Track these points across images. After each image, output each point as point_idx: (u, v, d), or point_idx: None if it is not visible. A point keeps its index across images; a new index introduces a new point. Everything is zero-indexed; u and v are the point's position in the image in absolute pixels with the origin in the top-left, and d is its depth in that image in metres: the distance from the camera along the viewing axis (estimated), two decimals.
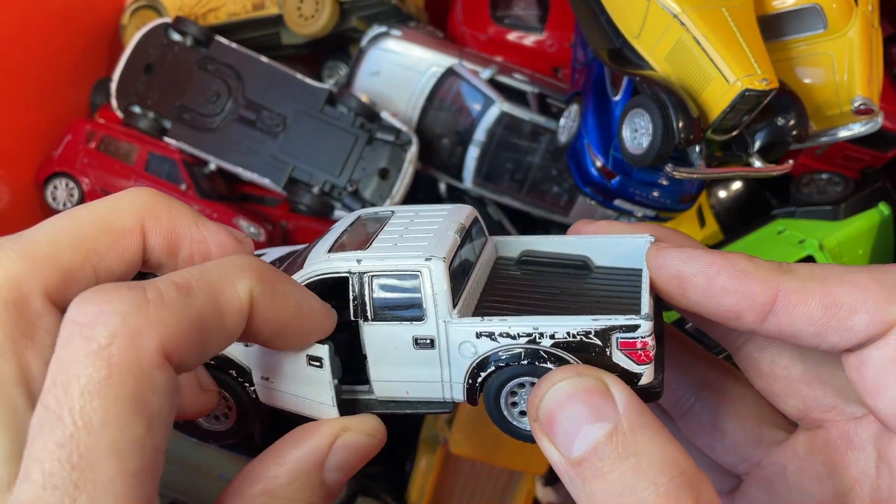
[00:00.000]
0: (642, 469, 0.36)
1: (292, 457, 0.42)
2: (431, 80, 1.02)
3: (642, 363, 0.44)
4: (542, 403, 0.40)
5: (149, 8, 1.08)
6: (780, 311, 0.42)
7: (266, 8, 1.04)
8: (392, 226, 0.52)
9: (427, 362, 0.47)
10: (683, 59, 0.71)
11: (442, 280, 0.46)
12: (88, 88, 1.08)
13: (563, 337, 0.44)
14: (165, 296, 0.36)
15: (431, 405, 0.49)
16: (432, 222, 0.51)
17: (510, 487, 1.03)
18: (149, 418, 0.33)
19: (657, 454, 0.37)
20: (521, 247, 0.56)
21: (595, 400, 0.39)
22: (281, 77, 0.99)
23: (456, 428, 0.97)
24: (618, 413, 0.38)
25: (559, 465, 0.39)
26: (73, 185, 1.00)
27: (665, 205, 0.86)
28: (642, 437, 0.37)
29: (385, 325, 0.47)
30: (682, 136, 0.68)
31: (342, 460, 0.44)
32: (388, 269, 0.46)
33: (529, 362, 0.45)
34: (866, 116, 0.75)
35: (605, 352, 0.44)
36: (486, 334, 0.45)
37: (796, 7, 0.75)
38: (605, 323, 0.43)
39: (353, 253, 0.48)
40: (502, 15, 1.11)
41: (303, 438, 0.43)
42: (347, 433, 0.44)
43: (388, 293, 0.47)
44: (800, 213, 0.94)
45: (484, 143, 0.98)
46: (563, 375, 0.41)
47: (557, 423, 0.39)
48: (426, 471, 1.01)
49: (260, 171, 0.99)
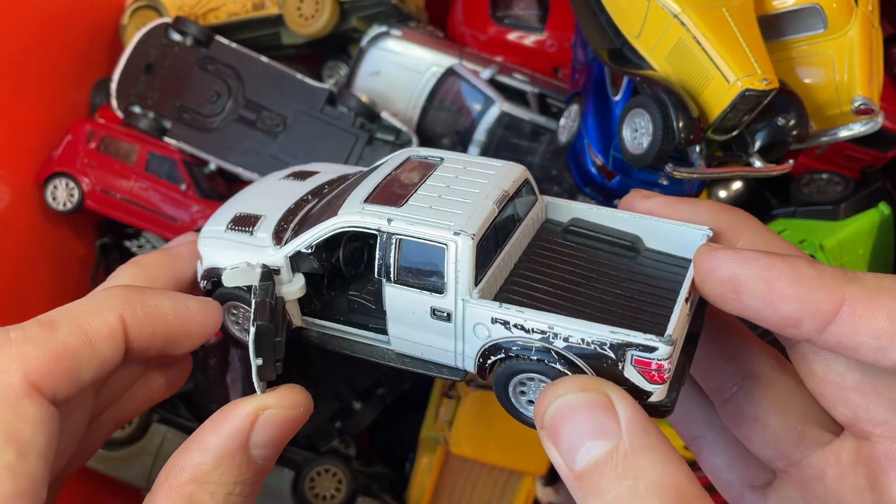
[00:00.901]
0: (640, 493, 0.35)
1: (214, 442, 0.43)
2: (431, 80, 1.02)
3: (655, 383, 0.42)
4: (546, 413, 0.40)
5: (149, 8, 1.08)
6: (843, 321, 0.40)
7: (266, 8, 1.04)
8: (436, 179, 0.50)
9: (442, 332, 0.47)
10: (683, 59, 0.71)
11: (467, 258, 0.45)
12: (88, 88, 1.08)
13: (577, 342, 0.43)
14: (28, 333, 0.40)
15: (444, 369, 0.49)
16: (477, 183, 0.50)
17: (510, 487, 1.03)
18: (19, 446, 0.36)
19: (656, 478, 0.36)
20: (571, 213, 0.54)
21: (598, 416, 0.38)
22: (281, 77, 0.99)
23: (456, 428, 0.97)
24: (620, 431, 0.38)
25: (562, 474, 0.39)
26: (73, 185, 1.00)
27: None
28: (643, 458, 0.37)
29: (406, 290, 0.46)
30: (682, 135, 0.68)
31: (266, 437, 0.45)
32: (416, 236, 0.46)
33: (539, 359, 0.44)
34: (866, 116, 0.75)
35: (618, 366, 0.42)
36: (501, 322, 0.44)
37: (796, 7, 0.75)
38: (622, 338, 0.42)
39: (387, 210, 0.47)
40: (502, 15, 1.11)
41: (222, 423, 0.44)
42: (267, 412, 0.45)
43: (413, 259, 0.46)
44: (800, 213, 0.94)
45: (484, 143, 0.98)
46: (567, 388, 0.40)
47: (562, 434, 0.39)
48: (426, 471, 1.01)
49: (260, 171, 0.99)
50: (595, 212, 0.53)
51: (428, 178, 0.51)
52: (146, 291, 0.47)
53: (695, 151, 0.71)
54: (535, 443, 0.95)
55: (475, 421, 0.96)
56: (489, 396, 0.95)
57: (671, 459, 0.37)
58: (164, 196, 0.99)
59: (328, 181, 0.59)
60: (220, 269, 0.51)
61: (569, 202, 0.55)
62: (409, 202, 0.48)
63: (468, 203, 0.48)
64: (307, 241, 0.50)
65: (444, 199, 0.48)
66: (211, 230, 0.55)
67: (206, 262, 0.54)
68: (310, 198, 0.56)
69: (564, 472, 0.39)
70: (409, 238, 0.46)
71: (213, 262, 0.53)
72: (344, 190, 0.54)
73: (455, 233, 0.45)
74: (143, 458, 0.97)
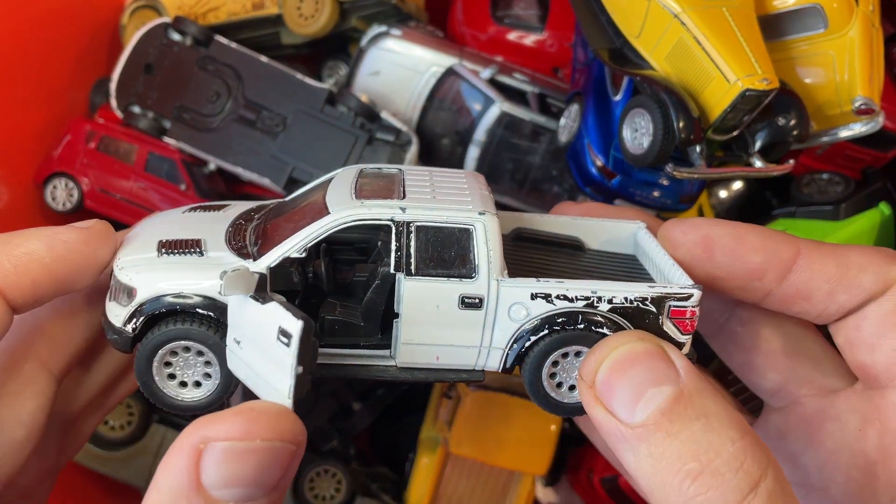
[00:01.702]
0: (714, 427, 0.37)
1: (165, 483, 0.37)
2: (431, 79, 1.02)
3: (687, 332, 0.44)
4: (600, 368, 0.40)
5: (148, 8, 1.07)
6: (800, 268, 0.45)
7: (266, 8, 1.04)
8: (412, 181, 0.49)
9: (469, 324, 0.45)
10: (684, 59, 0.70)
11: (496, 237, 0.44)
12: (88, 88, 1.08)
13: (621, 302, 0.43)
14: None
15: (461, 373, 0.47)
16: (457, 182, 0.49)
17: (510, 487, 1.02)
18: None
19: (725, 413, 0.37)
20: (513, 222, 0.55)
21: (658, 364, 0.39)
22: (281, 77, 0.99)
23: (456, 428, 0.97)
24: (680, 377, 0.39)
25: (615, 432, 0.39)
26: (72, 185, 1.00)
27: (666, 205, 0.86)
28: (707, 399, 0.38)
29: (429, 281, 0.44)
30: (682, 135, 0.68)
31: (223, 477, 0.36)
32: (437, 221, 0.44)
33: (586, 327, 0.44)
34: (867, 116, 0.75)
35: (658, 319, 0.44)
36: (543, 295, 0.44)
37: (797, 7, 0.74)
38: (661, 291, 0.44)
39: (394, 201, 0.45)
40: (502, 15, 1.11)
41: (170, 458, 0.37)
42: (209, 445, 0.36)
43: (436, 247, 0.44)
44: (800, 212, 0.94)
45: (484, 143, 0.98)
46: (624, 339, 0.41)
47: (617, 388, 0.39)
48: (426, 471, 1.01)
49: (260, 171, 0.99)
50: (536, 218, 0.55)
51: (404, 181, 0.49)
52: (11, 240, 0.42)
53: (695, 151, 0.71)
54: (535, 443, 0.95)
55: (475, 421, 0.96)
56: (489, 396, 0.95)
57: (725, 399, 0.39)
58: (164, 196, 0.99)
59: (251, 209, 0.53)
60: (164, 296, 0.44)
61: (508, 212, 0.55)
62: (408, 195, 0.46)
63: (468, 193, 0.47)
64: (298, 244, 0.45)
65: (441, 192, 0.47)
66: (135, 258, 0.46)
67: (142, 291, 0.45)
68: (244, 222, 0.51)
69: (617, 430, 0.39)
70: (429, 224, 0.44)
71: (158, 288, 0.44)
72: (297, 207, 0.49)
73: (480, 213, 0.44)
74: (143, 459, 0.97)
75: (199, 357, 0.46)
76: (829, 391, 0.47)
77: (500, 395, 0.94)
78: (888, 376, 0.43)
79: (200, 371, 0.46)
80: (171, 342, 0.45)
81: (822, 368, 0.48)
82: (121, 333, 0.45)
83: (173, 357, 0.46)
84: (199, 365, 0.46)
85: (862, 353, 0.44)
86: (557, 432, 0.95)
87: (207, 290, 0.44)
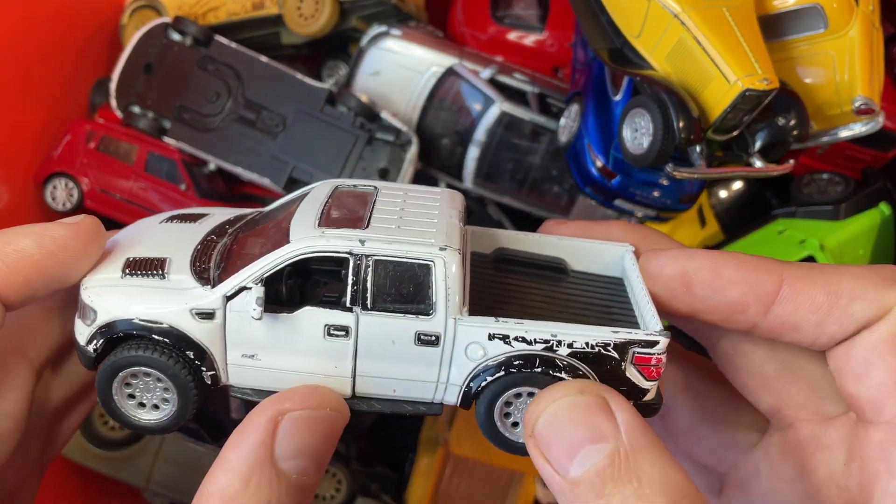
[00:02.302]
0: (644, 494, 0.35)
1: (237, 459, 0.39)
2: (431, 79, 1.02)
3: (652, 379, 0.43)
4: (539, 420, 0.39)
5: (148, 8, 1.07)
6: (784, 299, 0.42)
7: (266, 8, 1.04)
8: (384, 204, 0.47)
9: (425, 360, 0.44)
10: (684, 59, 0.70)
11: (457, 274, 0.43)
12: (88, 88, 1.08)
13: (581, 347, 0.42)
14: None
15: (418, 406, 0.46)
16: (430, 206, 0.48)
17: (510, 487, 1.02)
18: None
19: (659, 478, 0.36)
20: (495, 241, 0.53)
21: (597, 420, 0.38)
22: (281, 77, 0.99)
23: (456, 428, 0.97)
24: (619, 434, 0.37)
25: (554, 485, 0.38)
26: (72, 185, 1.00)
27: (665, 205, 0.86)
28: (644, 459, 0.36)
29: (385, 317, 0.43)
30: (682, 135, 0.68)
31: (294, 446, 0.40)
32: (396, 255, 0.43)
33: (543, 370, 0.42)
34: (867, 116, 0.75)
35: (621, 366, 0.42)
36: (500, 337, 0.43)
37: (797, 7, 0.74)
38: (625, 336, 0.42)
39: (355, 231, 0.43)
40: (502, 15, 1.11)
41: (243, 436, 0.40)
42: (288, 415, 0.40)
43: (394, 282, 0.43)
44: (800, 213, 0.94)
45: (484, 143, 0.98)
46: (564, 392, 0.40)
47: (555, 441, 0.38)
48: (426, 471, 1.01)
49: (260, 171, 0.99)
50: (518, 237, 0.52)
51: (374, 204, 0.47)
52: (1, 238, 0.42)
53: (695, 151, 0.71)
54: None
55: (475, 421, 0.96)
56: None
57: (668, 458, 0.37)
58: (164, 196, 0.99)
59: (227, 221, 0.53)
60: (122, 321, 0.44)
61: (491, 230, 0.53)
62: (372, 224, 0.44)
63: (434, 221, 0.45)
64: (254, 274, 0.43)
65: (408, 220, 0.45)
66: (100, 279, 0.46)
67: (102, 315, 0.44)
68: (215, 238, 0.50)
69: (556, 481, 0.38)
70: (387, 258, 0.43)
71: (115, 313, 0.44)
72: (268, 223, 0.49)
73: (441, 248, 0.43)
74: (143, 459, 0.97)
75: (157, 382, 0.46)
76: (825, 417, 0.45)
77: None
78: (873, 411, 0.41)
79: (159, 396, 0.46)
80: (129, 367, 0.45)
81: (820, 392, 0.46)
82: (84, 352, 0.46)
83: (133, 379, 0.46)
84: (157, 390, 0.46)
85: (850, 383, 0.42)
86: None
87: (165, 318, 0.44)
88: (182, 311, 0.44)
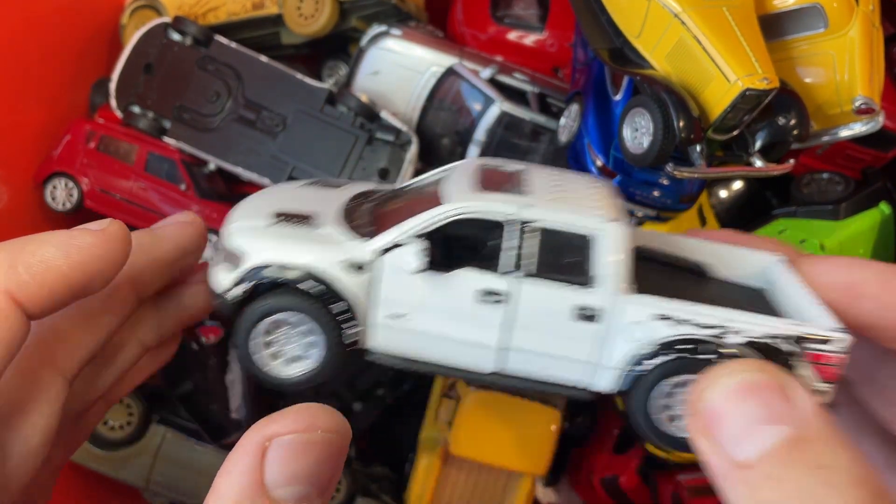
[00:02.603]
0: (832, 482, 0.32)
1: (225, 488, 0.37)
2: (431, 79, 1.02)
3: (829, 381, 0.40)
4: (709, 394, 0.36)
5: (148, 7, 1.07)
6: None
7: (266, 7, 1.04)
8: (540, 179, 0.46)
9: (582, 337, 0.41)
10: (684, 59, 0.70)
11: (625, 248, 0.41)
12: (88, 88, 1.08)
13: (755, 337, 0.40)
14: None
15: (565, 388, 0.43)
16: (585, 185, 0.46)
17: (510, 487, 1.02)
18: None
19: (846, 467, 0.33)
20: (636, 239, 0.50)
21: (776, 401, 0.35)
22: (281, 77, 0.99)
23: (456, 428, 0.97)
24: (798, 418, 0.34)
25: (716, 465, 0.35)
26: (72, 185, 1.00)
27: (666, 204, 0.86)
28: (827, 445, 0.33)
29: (545, 286, 0.41)
30: (682, 135, 0.68)
31: (286, 474, 0.37)
32: (562, 223, 0.41)
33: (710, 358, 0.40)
34: (867, 116, 0.75)
35: (796, 362, 0.40)
36: (670, 318, 0.40)
37: (797, 6, 0.74)
38: (802, 330, 0.39)
39: (518, 196, 0.42)
40: (502, 14, 1.11)
41: (230, 464, 0.38)
42: (276, 441, 0.37)
43: (558, 251, 0.41)
44: (801, 212, 0.94)
45: (484, 143, 0.98)
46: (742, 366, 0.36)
47: (727, 419, 0.35)
48: (426, 471, 1.01)
49: (260, 171, 0.99)
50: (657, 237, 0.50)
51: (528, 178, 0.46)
52: (26, 247, 0.41)
53: (695, 151, 0.71)
54: (535, 443, 0.95)
55: (475, 421, 0.96)
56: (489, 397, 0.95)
57: (855, 450, 0.34)
58: (164, 196, 0.99)
59: (369, 190, 0.52)
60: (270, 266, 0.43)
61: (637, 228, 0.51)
62: (533, 193, 0.43)
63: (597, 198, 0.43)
64: (411, 229, 0.42)
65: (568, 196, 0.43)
66: (247, 224, 0.46)
67: (252, 257, 0.44)
68: (363, 200, 0.49)
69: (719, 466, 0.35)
70: (553, 226, 0.41)
71: (265, 257, 0.44)
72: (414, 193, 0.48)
73: (610, 219, 0.41)
74: (143, 459, 0.97)
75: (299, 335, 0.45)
76: None
77: (500, 395, 0.94)
78: None
79: (301, 345, 0.45)
80: (279, 312, 0.44)
81: None
82: (225, 299, 0.45)
83: (275, 329, 0.45)
84: (297, 342, 0.45)
85: None
86: (557, 432, 0.95)
87: (315, 265, 0.43)
88: (334, 262, 0.43)
